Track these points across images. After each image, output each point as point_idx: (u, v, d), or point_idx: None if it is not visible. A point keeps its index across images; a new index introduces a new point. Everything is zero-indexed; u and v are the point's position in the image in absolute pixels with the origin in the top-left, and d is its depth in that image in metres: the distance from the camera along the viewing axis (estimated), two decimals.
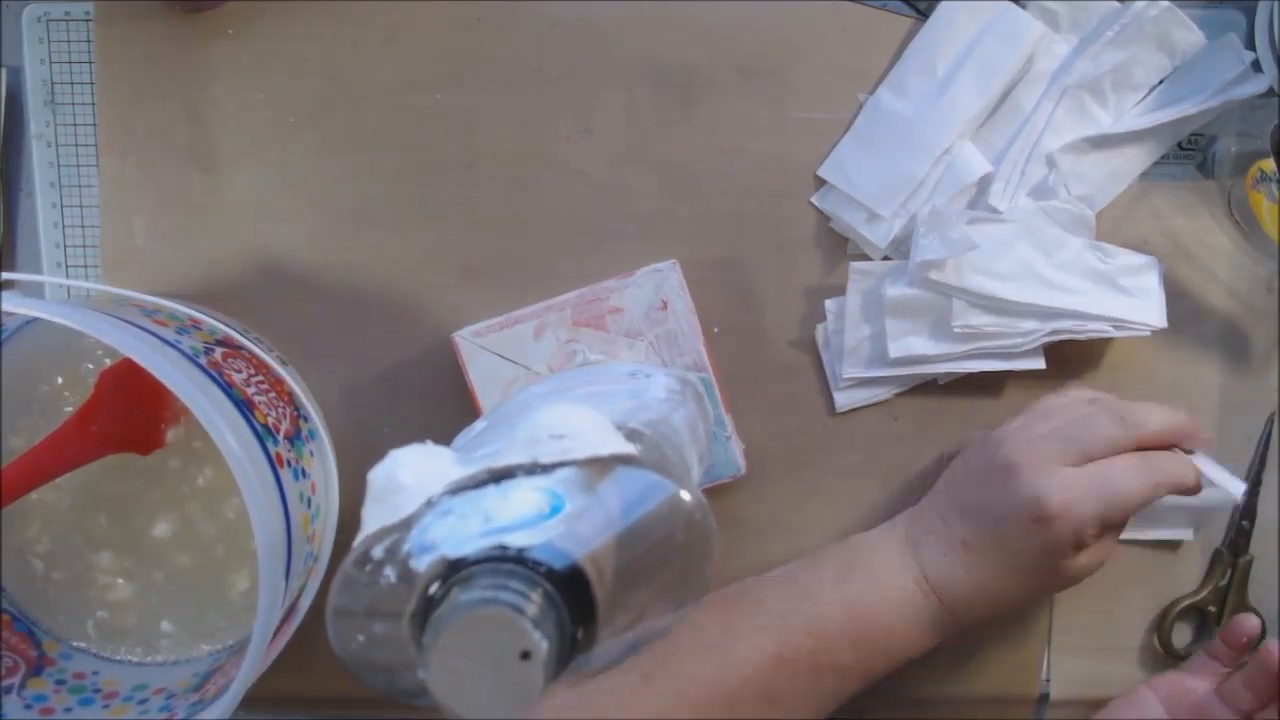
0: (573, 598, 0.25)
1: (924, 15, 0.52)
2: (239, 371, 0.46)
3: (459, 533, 0.25)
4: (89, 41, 0.52)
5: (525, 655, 0.23)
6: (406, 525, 0.26)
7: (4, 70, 0.52)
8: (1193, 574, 0.55)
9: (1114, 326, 0.50)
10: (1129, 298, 0.51)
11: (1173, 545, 0.55)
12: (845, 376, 0.52)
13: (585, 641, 0.25)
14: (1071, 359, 0.53)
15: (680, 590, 0.27)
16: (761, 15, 0.52)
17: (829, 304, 0.53)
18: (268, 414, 0.45)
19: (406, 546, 0.26)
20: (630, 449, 0.27)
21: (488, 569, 0.24)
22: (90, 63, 0.52)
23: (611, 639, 0.26)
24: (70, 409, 0.50)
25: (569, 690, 0.41)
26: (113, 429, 0.48)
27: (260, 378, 0.47)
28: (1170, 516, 0.54)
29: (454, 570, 0.25)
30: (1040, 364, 0.51)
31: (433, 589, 0.25)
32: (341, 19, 0.52)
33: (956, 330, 0.50)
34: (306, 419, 0.49)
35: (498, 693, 0.23)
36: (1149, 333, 0.51)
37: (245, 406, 0.44)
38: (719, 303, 0.53)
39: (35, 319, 0.46)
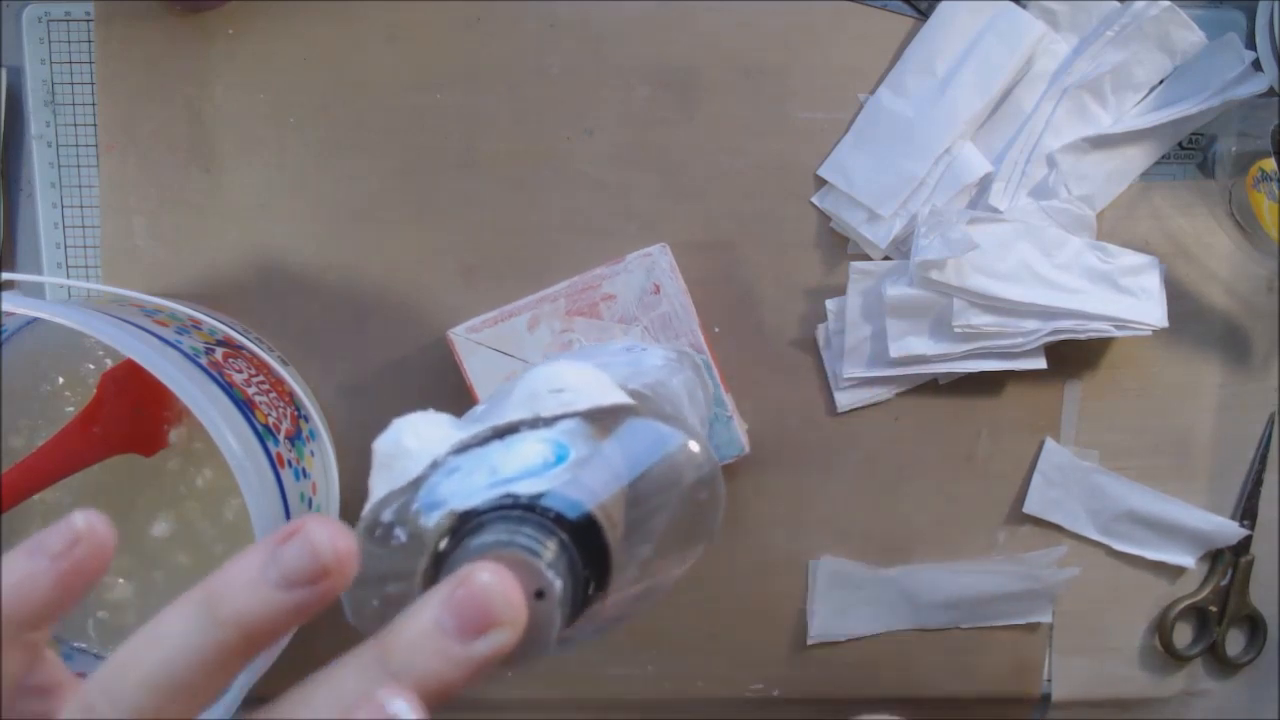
0: (584, 545, 0.25)
1: (924, 15, 0.52)
2: (239, 371, 0.45)
3: (466, 487, 0.25)
4: (89, 41, 0.52)
5: (540, 594, 0.23)
6: (414, 487, 0.26)
7: (4, 70, 0.52)
8: (1193, 574, 0.55)
9: (1115, 326, 0.50)
10: (1129, 297, 0.51)
11: None
12: (846, 376, 0.52)
13: (598, 590, 0.25)
14: (1071, 359, 0.53)
15: (688, 541, 0.27)
16: (761, 15, 0.52)
17: (829, 304, 0.53)
18: (268, 414, 0.45)
19: (415, 506, 0.26)
20: (629, 399, 0.27)
21: (499, 516, 0.24)
22: (90, 63, 0.52)
23: (622, 590, 0.26)
24: (71, 409, 0.50)
25: None
26: (116, 430, 0.48)
27: (260, 378, 0.47)
28: (1174, 543, 0.54)
29: (464, 523, 0.25)
30: (1041, 364, 0.51)
31: (443, 544, 0.25)
32: (341, 19, 0.52)
33: (957, 330, 0.50)
34: (307, 419, 0.49)
35: None
36: (1149, 332, 0.51)
37: (246, 406, 0.44)
38: (719, 302, 0.53)
39: (36, 319, 0.46)
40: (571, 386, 0.27)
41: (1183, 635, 0.56)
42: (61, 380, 0.50)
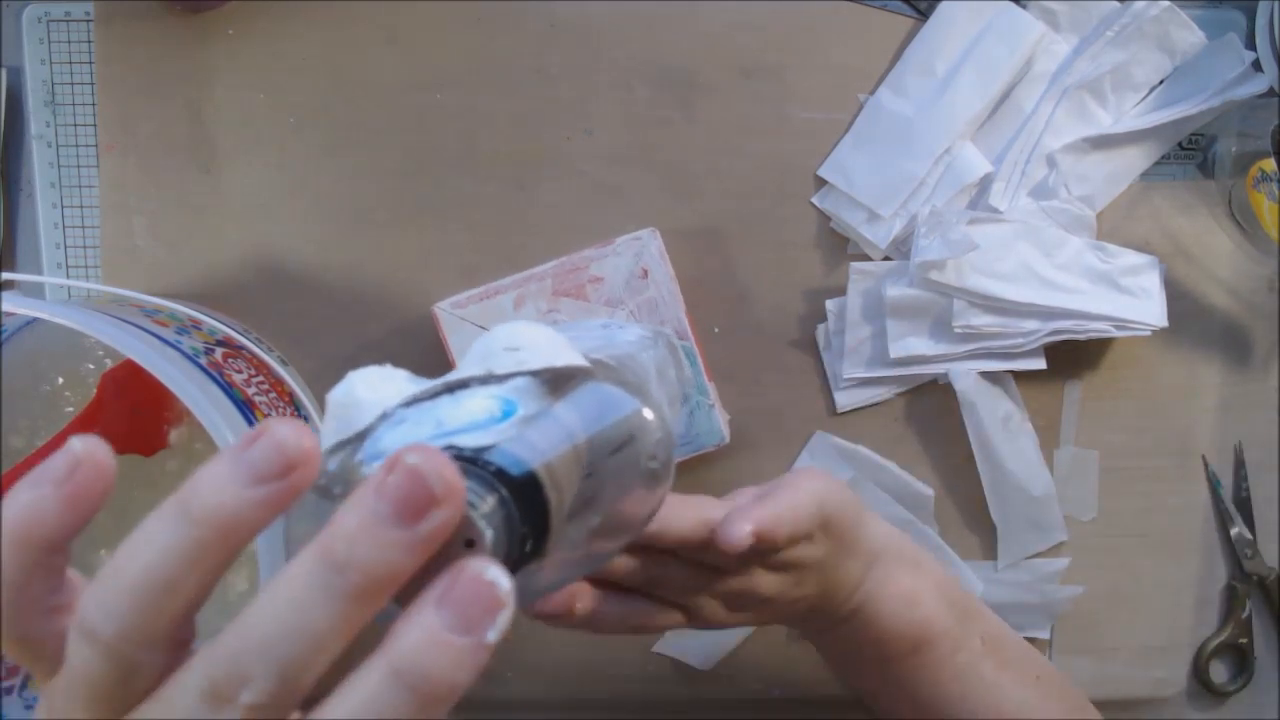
0: (525, 504, 0.24)
1: (924, 15, 0.52)
2: (239, 372, 0.46)
3: (410, 438, 0.25)
4: (89, 41, 0.52)
5: (469, 544, 0.23)
6: (361, 438, 0.26)
7: (4, 70, 0.52)
8: (1213, 609, 0.55)
9: (1115, 326, 0.50)
10: (1129, 297, 0.51)
11: (1168, 581, 0.55)
12: (846, 377, 0.52)
13: (535, 549, 0.25)
14: (1071, 359, 0.53)
15: (635, 509, 0.27)
16: (761, 15, 0.52)
17: (829, 304, 0.53)
18: (268, 414, 0.45)
19: (358, 456, 0.26)
20: (585, 363, 0.27)
21: None
22: (90, 63, 0.52)
23: (562, 552, 0.26)
24: (71, 409, 0.50)
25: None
26: (116, 430, 0.48)
27: (260, 378, 0.47)
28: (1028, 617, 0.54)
29: None
30: (1041, 364, 0.51)
31: None
32: (341, 19, 0.52)
33: (957, 330, 0.50)
34: (307, 419, 0.49)
35: None
36: (1149, 332, 0.51)
37: (246, 407, 0.44)
38: (718, 302, 0.53)
39: (36, 319, 0.46)
40: (528, 345, 0.27)
41: (1219, 673, 0.55)
42: (61, 380, 0.50)
